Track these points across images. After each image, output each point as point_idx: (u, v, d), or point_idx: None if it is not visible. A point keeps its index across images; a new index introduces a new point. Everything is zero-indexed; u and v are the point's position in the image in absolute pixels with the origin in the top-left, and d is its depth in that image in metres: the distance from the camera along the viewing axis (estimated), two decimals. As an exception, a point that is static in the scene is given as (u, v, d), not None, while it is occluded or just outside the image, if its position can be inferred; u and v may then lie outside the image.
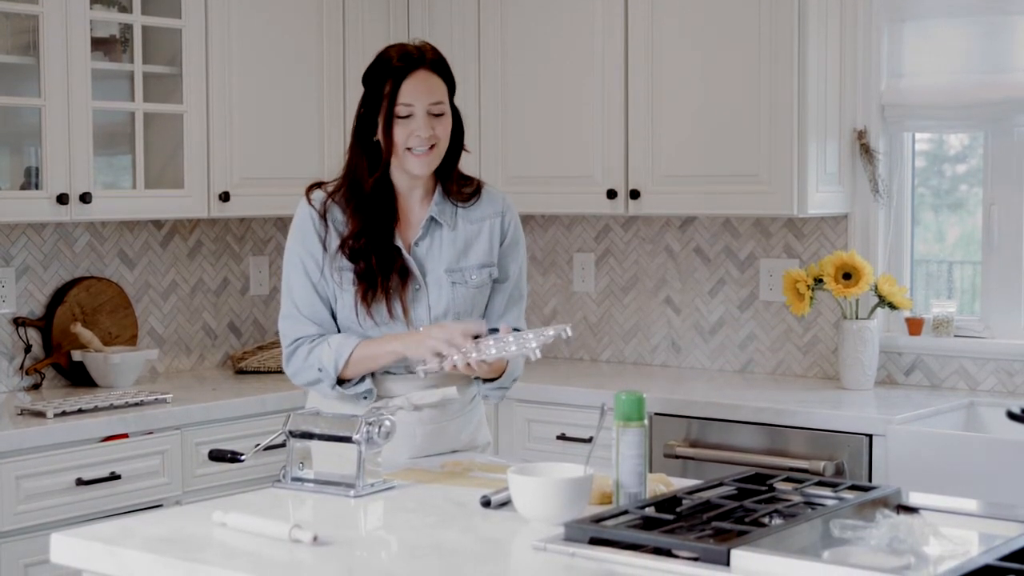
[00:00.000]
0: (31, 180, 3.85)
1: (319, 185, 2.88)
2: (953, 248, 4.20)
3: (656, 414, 3.86)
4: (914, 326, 4.07)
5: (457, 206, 2.88)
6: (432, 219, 2.85)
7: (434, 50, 2.84)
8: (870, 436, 3.52)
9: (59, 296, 4.12)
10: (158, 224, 4.40)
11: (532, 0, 4.39)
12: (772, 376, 4.31)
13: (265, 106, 4.27)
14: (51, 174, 3.75)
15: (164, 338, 4.42)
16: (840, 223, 4.18)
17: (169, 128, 4.10)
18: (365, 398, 2.82)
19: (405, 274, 2.80)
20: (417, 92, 2.76)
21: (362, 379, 2.81)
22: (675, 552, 2.04)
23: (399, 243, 2.82)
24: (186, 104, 4.07)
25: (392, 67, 2.77)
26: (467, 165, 4.61)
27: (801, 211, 3.94)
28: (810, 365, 4.27)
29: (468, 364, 2.62)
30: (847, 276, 3.90)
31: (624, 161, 4.20)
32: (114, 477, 3.55)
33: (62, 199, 3.75)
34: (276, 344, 4.53)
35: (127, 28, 4.04)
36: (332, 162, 4.46)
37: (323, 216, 2.82)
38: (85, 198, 3.79)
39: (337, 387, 2.80)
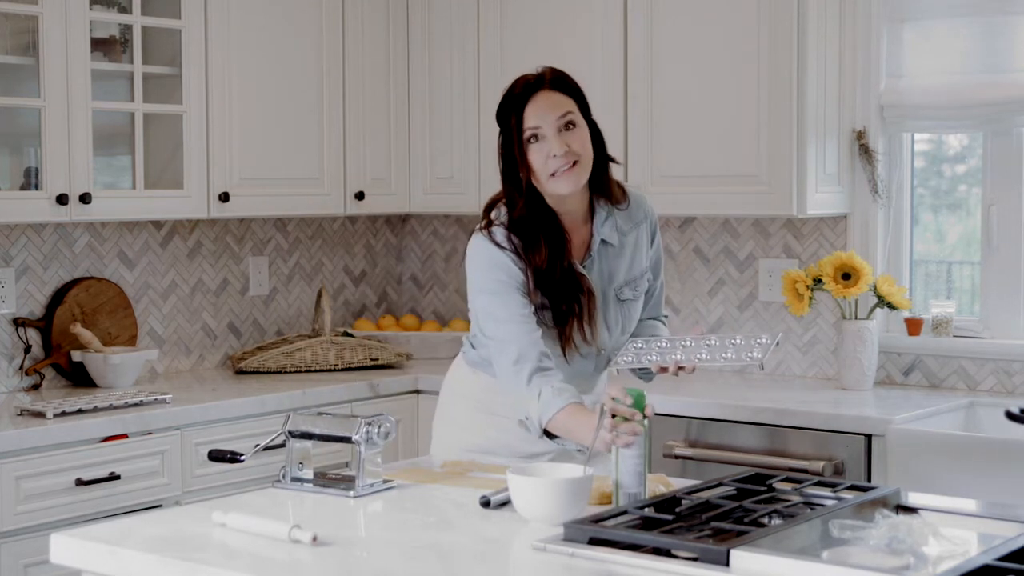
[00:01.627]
0: (31, 180, 3.85)
1: (488, 224, 2.76)
2: (952, 248, 4.21)
3: (655, 414, 3.85)
4: (913, 326, 4.07)
5: (615, 215, 2.83)
6: (602, 241, 2.81)
7: (554, 71, 2.77)
8: (869, 436, 3.53)
9: (59, 296, 4.12)
10: (158, 224, 4.40)
11: (531, 1, 4.40)
12: (771, 376, 4.31)
13: (265, 107, 4.27)
14: (51, 175, 3.75)
15: (164, 338, 4.42)
16: (839, 223, 4.18)
17: (169, 129, 4.11)
18: (580, 451, 2.71)
19: (590, 298, 2.76)
20: (540, 112, 2.69)
21: None
22: (674, 552, 2.04)
23: (582, 269, 2.77)
24: (186, 105, 4.07)
25: (513, 97, 2.73)
26: (465, 166, 4.62)
27: (800, 211, 3.94)
28: (809, 365, 4.28)
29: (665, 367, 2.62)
30: (846, 276, 3.91)
31: (623, 161, 4.20)
32: (114, 477, 3.55)
33: (62, 199, 3.75)
34: (276, 344, 4.53)
35: (127, 29, 4.04)
36: (331, 162, 4.47)
37: (518, 255, 2.72)
38: (85, 199, 3.79)
39: (544, 436, 2.66)
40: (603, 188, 2.81)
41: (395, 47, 4.67)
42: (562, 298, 2.73)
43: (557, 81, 2.75)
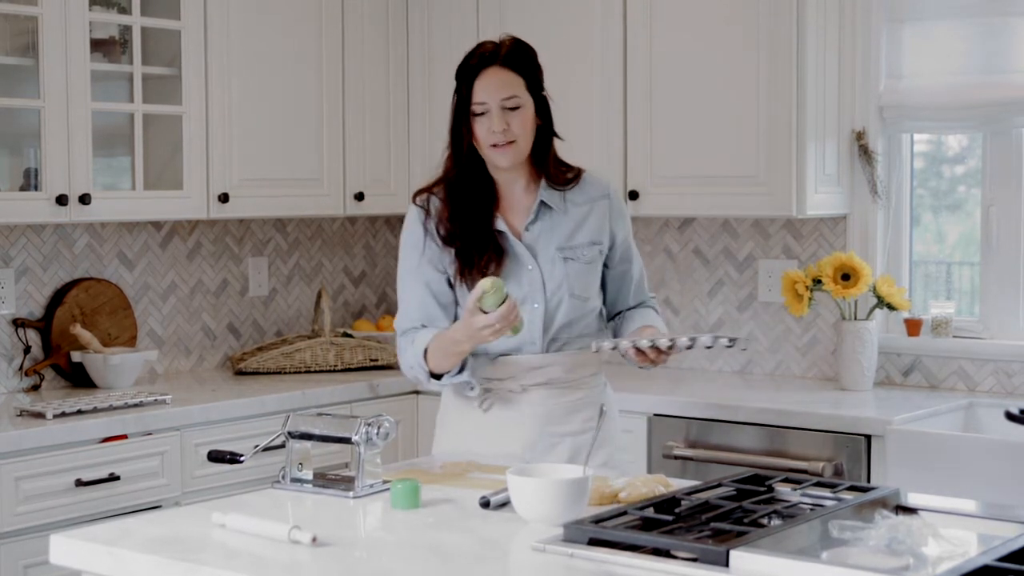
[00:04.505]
0: (30, 181, 3.85)
1: (424, 189, 2.98)
2: (952, 249, 4.21)
3: (655, 415, 3.86)
4: (913, 327, 4.08)
5: (563, 191, 2.96)
6: (543, 203, 2.94)
7: (512, 45, 2.91)
8: (869, 437, 3.53)
9: (58, 297, 4.12)
10: (157, 225, 4.40)
11: (531, 4, 4.40)
12: (771, 377, 4.31)
13: (264, 107, 4.27)
14: (50, 175, 3.75)
15: (163, 339, 4.42)
16: (839, 224, 4.18)
17: (168, 129, 4.11)
18: (472, 388, 2.91)
19: (500, 253, 2.88)
20: (488, 90, 2.85)
21: (461, 370, 2.87)
22: (674, 553, 2.04)
23: (502, 227, 2.91)
24: (185, 105, 4.07)
25: (467, 67, 2.88)
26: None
27: (800, 212, 3.94)
28: (809, 366, 4.28)
29: (638, 351, 2.74)
30: (846, 277, 3.91)
31: (623, 162, 4.21)
32: (113, 478, 3.55)
33: (61, 200, 3.75)
34: (275, 345, 4.54)
35: (126, 29, 4.04)
36: (331, 163, 4.47)
37: (427, 211, 2.94)
38: (84, 199, 3.79)
39: (434, 380, 2.89)
40: (543, 163, 2.95)
41: (395, 48, 4.67)
42: (469, 249, 2.87)
43: (511, 57, 2.88)
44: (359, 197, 4.55)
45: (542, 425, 2.91)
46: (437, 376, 2.88)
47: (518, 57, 2.89)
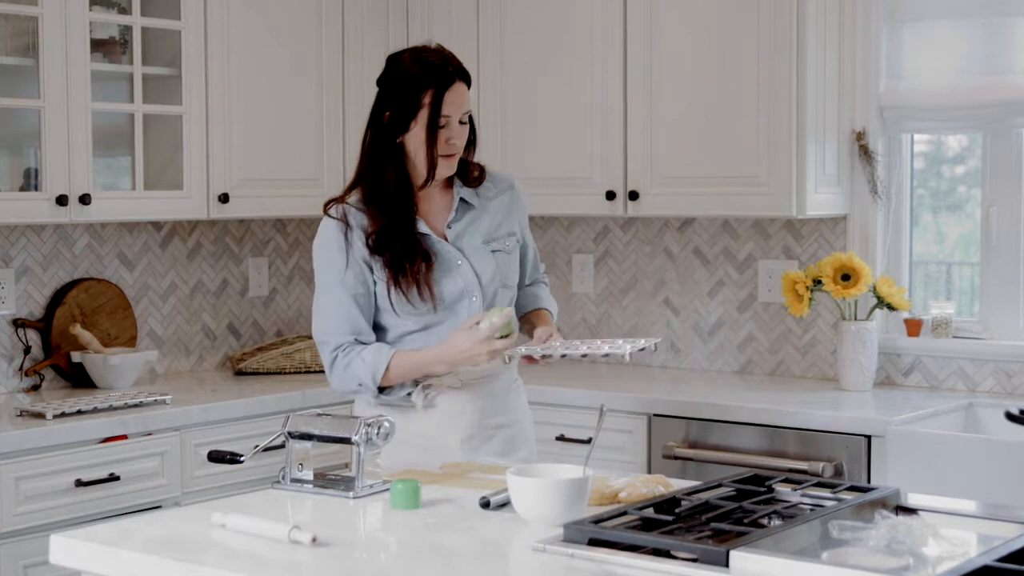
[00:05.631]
0: (30, 181, 3.85)
1: (335, 200, 3.03)
2: (952, 249, 4.21)
3: (655, 415, 3.86)
4: (913, 327, 4.08)
5: (475, 190, 3.07)
6: (463, 201, 3.04)
7: (454, 56, 3.00)
8: (869, 437, 3.53)
9: (58, 297, 4.12)
10: (157, 225, 4.40)
11: (531, 3, 4.40)
12: (771, 377, 4.31)
13: (264, 107, 4.27)
14: (50, 175, 3.75)
15: (163, 339, 4.42)
16: (839, 224, 4.18)
17: (168, 130, 4.11)
18: (409, 394, 2.98)
19: (428, 257, 2.94)
20: (455, 104, 2.95)
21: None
22: (674, 553, 2.04)
23: (425, 229, 2.98)
24: (185, 105, 4.07)
25: (431, 79, 2.93)
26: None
27: (800, 212, 3.94)
28: (809, 366, 4.28)
29: (544, 357, 2.87)
30: (846, 277, 3.91)
31: (623, 162, 4.21)
32: (113, 478, 3.55)
33: (61, 200, 3.75)
34: (275, 345, 4.54)
35: (126, 30, 4.04)
36: (331, 163, 4.47)
37: (345, 222, 2.97)
38: (84, 199, 3.79)
39: (379, 395, 2.95)
40: (462, 169, 3.06)
41: (395, 48, 4.65)
42: (399, 257, 2.93)
43: (465, 72, 2.99)
44: (359, 197, 4.54)
45: (479, 418, 2.99)
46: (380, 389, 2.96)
47: (467, 73, 3.00)
